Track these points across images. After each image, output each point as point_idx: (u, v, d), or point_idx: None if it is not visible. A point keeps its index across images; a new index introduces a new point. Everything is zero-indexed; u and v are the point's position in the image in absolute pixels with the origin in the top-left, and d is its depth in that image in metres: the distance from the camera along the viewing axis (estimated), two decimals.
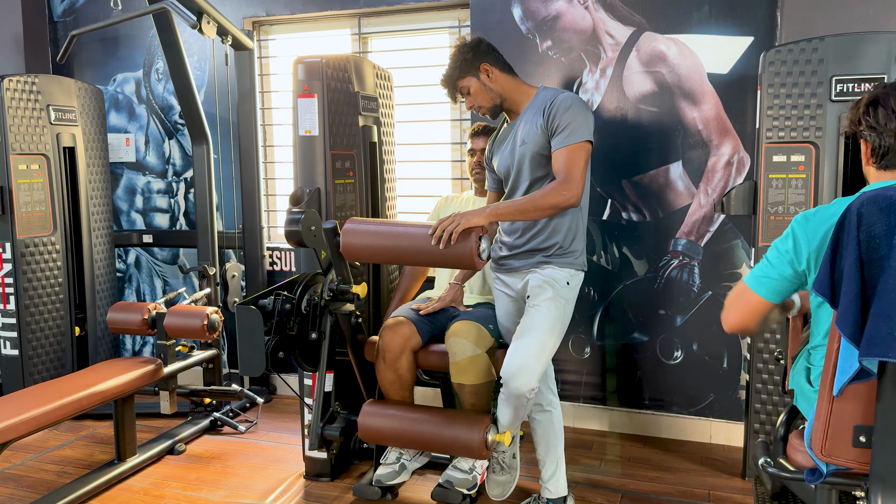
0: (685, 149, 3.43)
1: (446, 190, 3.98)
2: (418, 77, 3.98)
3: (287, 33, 4.22)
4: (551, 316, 2.47)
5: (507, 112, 2.59)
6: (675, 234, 3.49)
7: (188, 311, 3.43)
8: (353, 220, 2.53)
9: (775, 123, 2.83)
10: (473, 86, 2.53)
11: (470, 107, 2.59)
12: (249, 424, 3.82)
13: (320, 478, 3.17)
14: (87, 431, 3.79)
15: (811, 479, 1.71)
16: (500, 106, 2.56)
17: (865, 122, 1.69)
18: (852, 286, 1.52)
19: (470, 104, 2.58)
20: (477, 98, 2.55)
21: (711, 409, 3.54)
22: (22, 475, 3.28)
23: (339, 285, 2.66)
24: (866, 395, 1.59)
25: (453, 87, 2.56)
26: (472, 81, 2.53)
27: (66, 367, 3.86)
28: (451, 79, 2.55)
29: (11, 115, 3.59)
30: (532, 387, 2.44)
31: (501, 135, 2.63)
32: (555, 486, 2.78)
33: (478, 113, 2.61)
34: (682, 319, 3.52)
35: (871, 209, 1.51)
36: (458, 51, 2.54)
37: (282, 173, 4.33)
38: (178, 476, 3.25)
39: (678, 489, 3.07)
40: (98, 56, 4.53)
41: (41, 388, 2.97)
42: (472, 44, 2.53)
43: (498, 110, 2.57)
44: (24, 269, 3.66)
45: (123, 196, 4.58)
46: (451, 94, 2.58)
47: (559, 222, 2.48)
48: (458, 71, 2.53)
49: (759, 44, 3.25)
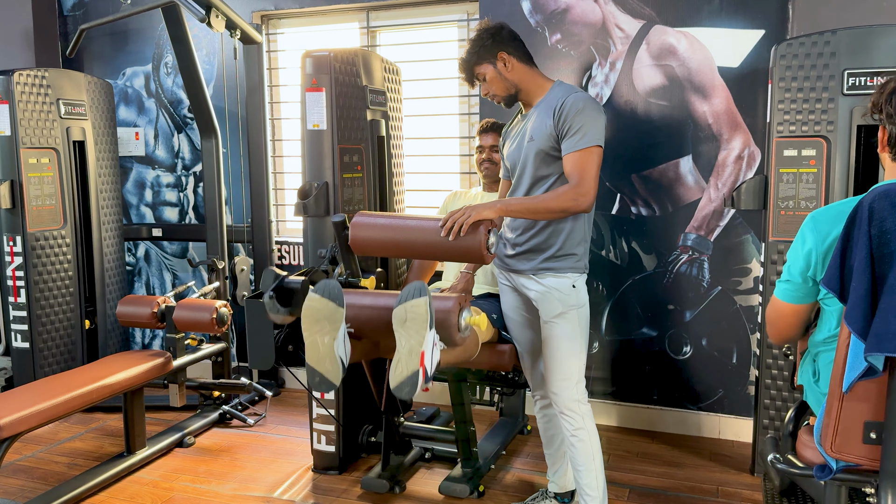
0: (695, 143, 3.41)
1: (454, 185, 3.97)
2: (427, 71, 3.97)
3: (296, 27, 4.22)
4: (566, 334, 2.46)
5: (522, 102, 2.55)
6: (684, 229, 3.47)
7: (197, 305, 3.44)
8: (363, 214, 2.52)
9: (786, 117, 2.81)
10: (489, 73, 2.47)
11: (485, 93, 2.54)
12: (258, 417, 3.83)
13: (328, 471, 3.17)
14: (96, 424, 3.81)
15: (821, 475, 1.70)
16: (514, 96, 2.51)
17: (886, 109, 1.66)
18: (862, 281, 1.50)
19: (485, 91, 2.53)
20: (492, 86, 2.49)
21: (721, 405, 3.52)
22: (32, 467, 3.31)
23: (347, 279, 2.66)
24: (877, 392, 1.57)
25: (470, 73, 2.51)
26: (488, 69, 2.47)
27: (76, 359, 3.89)
28: (469, 64, 2.49)
29: (22, 109, 3.60)
30: (574, 398, 2.48)
31: (514, 125, 2.60)
32: (562, 480, 2.78)
33: (492, 101, 2.57)
34: (692, 315, 3.51)
35: (883, 204, 1.49)
36: (479, 36, 2.47)
37: (290, 167, 4.33)
38: (187, 469, 3.26)
39: (687, 485, 3.06)
40: (107, 50, 4.54)
41: (51, 381, 2.99)
42: (492, 30, 2.46)
43: (512, 100, 2.52)
44: (34, 263, 3.68)
45: (133, 190, 4.59)
46: (469, 78, 2.52)
47: (560, 225, 2.43)
48: (476, 56, 2.47)
49: (770, 37, 3.22)
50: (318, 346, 2.09)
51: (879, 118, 1.69)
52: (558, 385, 2.49)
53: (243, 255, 4.13)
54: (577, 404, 2.48)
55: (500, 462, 3.28)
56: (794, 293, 1.77)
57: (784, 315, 1.83)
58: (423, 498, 2.96)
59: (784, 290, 1.79)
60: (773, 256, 2.87)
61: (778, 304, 1.83)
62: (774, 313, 1.86)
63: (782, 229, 2.84)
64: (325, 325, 2.08)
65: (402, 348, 2.04)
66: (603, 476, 2.52)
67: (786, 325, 1.85)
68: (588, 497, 2.50)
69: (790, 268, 1.77)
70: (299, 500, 2.96)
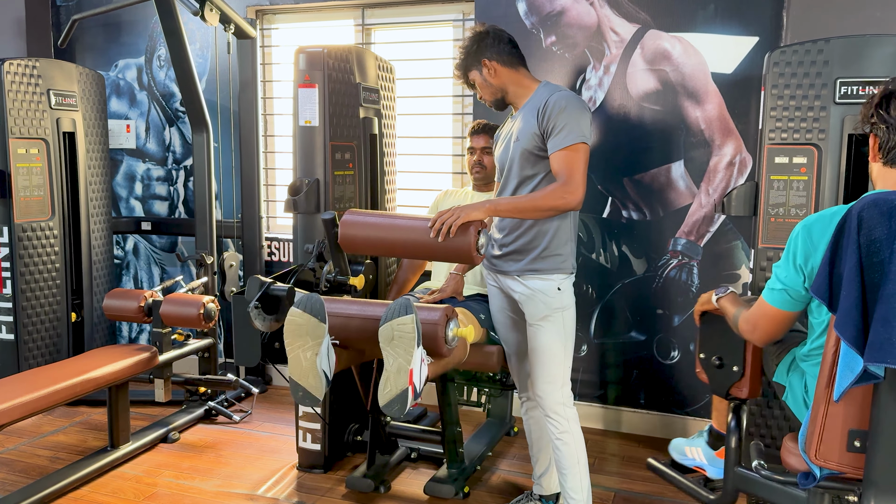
0: (687, 148, 3.41)
1: (446, 184, 3.96)
2: (421, 69, 3.97)
3: (290, 23, 4.20)
4: (550, 338, 2.46)
5: (511, 105, 2.57)
6: (675, 234, 3.48)
7: (185, 300, 3.42)
8: (352, 212, 2.51)
9: (778, 124, 2.81)
10: (478, 79, 2.52)
11: (480, 98, 2.60)
12: (244, 414, 3.82)
13: (313, 469, 3.16)
14: (81, 417, 3.79)
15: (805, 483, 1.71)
16: (501, 100, 2.54)
17: (878, 115, 1.66)
18: (852, 290, 1.50)
19: (479, 96, 2.60)
20: (481, 91, 2.56)
21: (707, 410, 3.53)
22: (15, 460, 3.28)
23: (336, 276, 2.65)
24: (861, 399, 1.58)
25: (465, 79, 2.57)
26: (476, 75, 2.52)
27: (61, 352, 3.85)
28: (461, 70, 2.56)
29: (11, 99, 3.57)
30: (559, 401, 2.48)
31: (504, 127, 2.62)
32: (547, 482, 2.78)
33: (485, 104, 2.61)
34: (680, 319, 3.51)
35: (872, 213, 1.50)
36: (466, 43, 2.53)
37: (282, 163, 4.31)
38: (171, 464, 3.24)
39: (671, 489, 3.06)
40: (100, 41, 4.51)
41: (36, 373, 2.97)
42: (477, 37, 2.50)
43: (500, 104, 2.56)
44: (21, 254, 3.65)
45: (123, 183, 4.56)
46: (467, 83, 2.59)
47: (545, 225, 2.43)
48: (465, 64, 2.53)
49: (764, 44, 3.23)
50: (301, 361, 2.08)
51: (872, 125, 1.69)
52: (543, 388, 2.49)
53: (232, 251, 4.11)
54: (562, 407, 2.48)
55: (486, 463, 3.28)
56: (784, 300, 1.78)
57: (771, 318, 1.83)
58: (408, 498, 2.95)
59: (774, 295, 1.79)
60: (762, 263, 2.87)
61: (767, 307, 1.82)
62: (763, 318, 1.85)
63: (772, 236, 2.84)
64: (308, 341, 2.07)
65: (389, 367, 2.03)
66: (588, 480, 2.52)
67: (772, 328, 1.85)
68: (572, 500, 2.50)
69: (780, 275, 1.77)
70: (283, 498, 2.94)
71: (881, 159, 1.69)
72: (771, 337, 1.88)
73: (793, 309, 1.78)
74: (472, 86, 2.59)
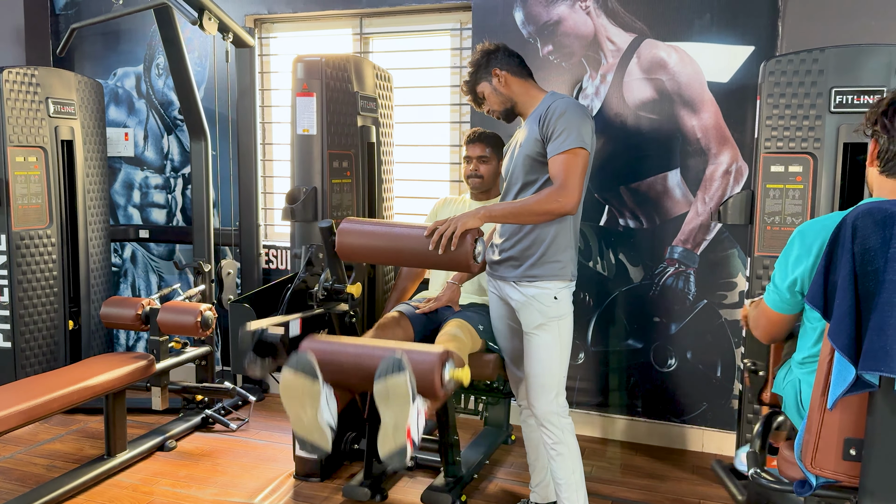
0: (684, 156, 3.42)
1: (444, 192, 3.97)
2: (418, 78, 3.98)
3: (288, 31, 4.21)
4: (546, 346, 2.46)
5: (520, 115, 2.60)
6: (671, 242, 3.49)
7: (182, 308, 3.42)
8: (350, 220, 2.52)
9: (774, 133, 2.83)
10: (487, 90, 2.55)
11: (487, 111, 2.61)
12: (241, 423, 3.81)
13: (310, 478, 3.15)
14: (77, 426, 3.78)
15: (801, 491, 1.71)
16: (511, 110, 2.56)
17: (882, 123, 1.67)
18: (846, 299, 1.51)
19: (487, 108, 2.61)
20: (490, 102, 2.57)
21: (704, 418, 3.53)
22: (11, 468, 3.27)
23: (333, 284, 2.66)
24: (857, 408, 1.58)
25: (473, 93, 2.60)
26: (486, 86, 2.55)
27: (58, 360, 3.85)
28: (470, 85, 2.59)
29: (10, 107, 3.57)
30: (553, 411, 2.47)
31: (513, 138, 2.64)
32: (544, 491, 2.78)
33: (493, 117, 2.62)
34: (677, 327, 3.52)
35: (867, 222, 1.50)
36: (477, 57, 2.56)
37: (280, 171, 4.32)
38: (168, 473, 3.24)
39: (669, 497, 3.06)
40: (99, 50, 4.52)
41: (33, 381, 2.96)
42: (489, 51, 2.55)
43: (510, 114, 2.58)
44: (18, 262, 3.64)
45: (121, 190, 4.57)
46: (474, 99, 2.62)
47: (543, 231, 2.43)
48: (475, 77, 2.57)
49: (759, 53, 3.25)
50: (303, 420, 2.09)
51: (874, 130, 1.69)
52: (537, 398, 2.49)
53: (230, 259, 4.11)
54: (556, 417, 2.47)
55: (484, 472, 3.27)
56: (782, 304, 1.80)
57: (773, 321, 1.87)
58: None
59: (773, 299, 1.82)
60: (758, 271, 2.88)
61: (766, 309, 1.86)
62: (763, 318, 1.90)
63: (768, 244, 2.85)
64: (306, 400, 2.08)
65: (387, 424, 2.03)
66: (584, 490, 2.52)
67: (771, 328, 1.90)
68: None
69: (778, 280, 1.78)
70: None
71: (878, 167, 1.69)
72: (772, 337, 1.92)
73: (787, 312, 1.81)
74: (479, 102, 2.61)
